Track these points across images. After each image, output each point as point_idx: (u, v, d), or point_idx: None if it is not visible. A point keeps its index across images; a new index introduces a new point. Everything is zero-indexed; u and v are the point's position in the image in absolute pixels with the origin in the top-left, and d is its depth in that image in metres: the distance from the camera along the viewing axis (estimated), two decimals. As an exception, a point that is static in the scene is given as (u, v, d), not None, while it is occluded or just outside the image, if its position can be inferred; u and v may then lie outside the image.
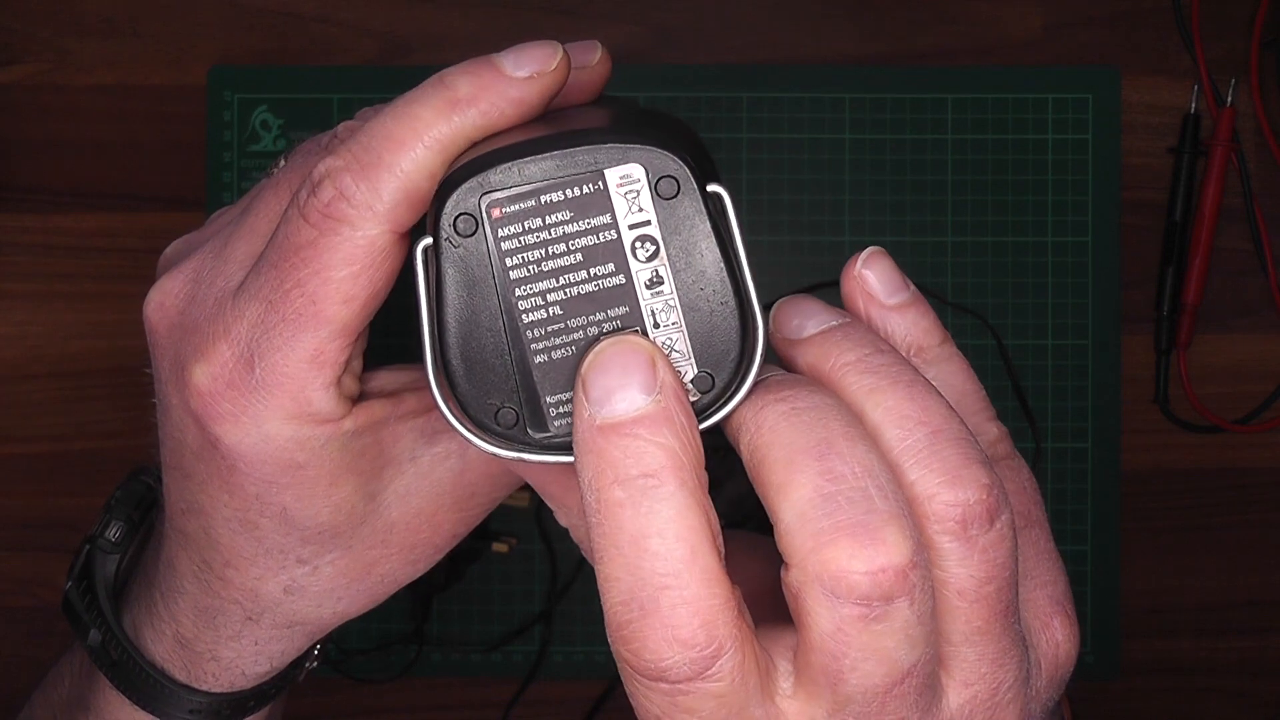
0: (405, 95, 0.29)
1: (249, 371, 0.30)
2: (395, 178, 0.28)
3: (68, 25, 0.62)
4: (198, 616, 0.36)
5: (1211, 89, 0.61)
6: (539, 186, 0.26)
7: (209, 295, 0.31)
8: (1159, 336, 0.61)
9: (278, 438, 0.30)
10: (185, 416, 0.32)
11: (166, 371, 0.32)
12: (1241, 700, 0.62)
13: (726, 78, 0.62)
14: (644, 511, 0.23)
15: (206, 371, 0.30)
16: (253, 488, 0.31)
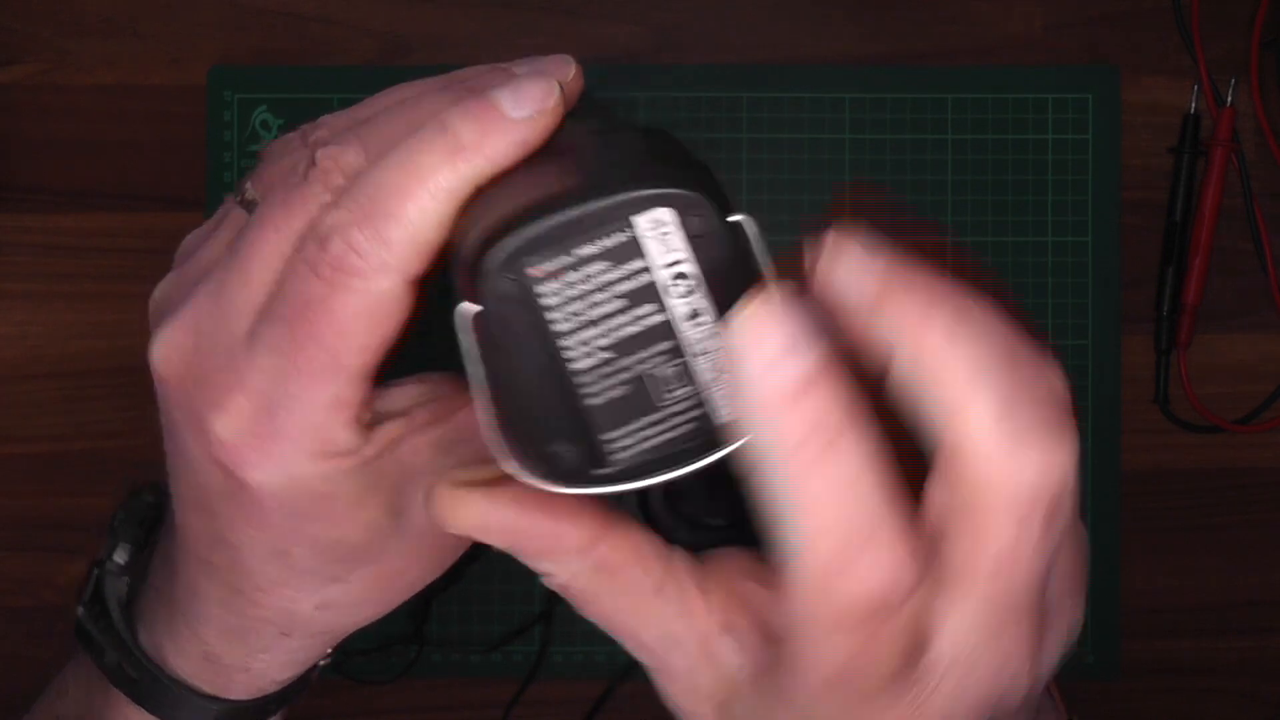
0: (407, 142, 0.29)
1: (270, 421, 0.30)
2: (404, 229, 0.28)
3: (68, 25, 0.62)
4: (227, 635, 0.36)
5: (1211, 89, 0.61)
6: (572, 241, 0.26)
7: (216, 346, 0.31)
8: (1159, 336, 0.61)
9: (304, 475, 0.31)
10: (209, 464, 0.32)
11: (181, 422, 0.33)
12: (1241, 700, 0.62)
13: (726, 78, 0.62)
14: (843, 459, 0.23)
15: (227, 424, 0.31)
16: (283, 522, 0.32)
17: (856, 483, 0.24)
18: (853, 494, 0.24)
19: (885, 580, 0.24)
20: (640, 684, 0.63)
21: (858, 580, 0.24)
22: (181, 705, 0.37)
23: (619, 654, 0.63)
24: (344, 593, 0.35)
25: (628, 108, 0.61)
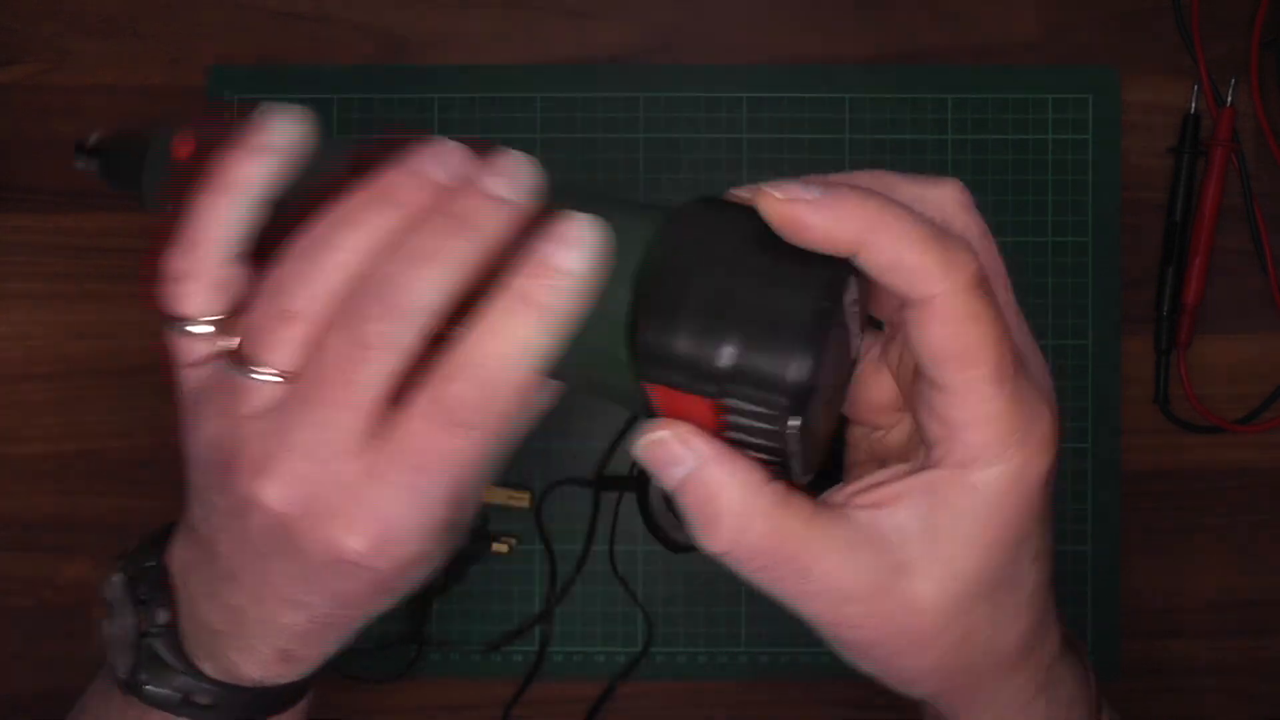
0: (499, 314, 0.33)
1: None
2: (516, 391, 0.36)
3: (68, 25, 0.62)
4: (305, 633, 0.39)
5: (1211, 89, 0.61)
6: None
7: (336, 478, 0.35)
8: (1159, 336, 0.61)
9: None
10: (339, 564, 0.36)
11: (310, 547, 0.35)
12: (1241, 700, 0.62)
13: (726, 78, 0.62)
14: None
15: (354, 540, 0.35)
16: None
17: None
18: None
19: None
20: (640, 684, 0.64)
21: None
22: (271, 699, 0.41)
23: (619, 654, 0.63)
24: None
25: (628, 108, 0.62)
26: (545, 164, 0.36)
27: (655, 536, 0.60)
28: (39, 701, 0.62)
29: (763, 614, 0.62)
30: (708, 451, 0.33)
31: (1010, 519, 0.33)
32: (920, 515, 0.34)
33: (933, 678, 0.37)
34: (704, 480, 0.33)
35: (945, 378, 0.32)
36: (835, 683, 0.62)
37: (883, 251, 0.31)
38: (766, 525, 0.33)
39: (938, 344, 0.32)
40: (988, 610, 0.35)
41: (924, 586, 0.34)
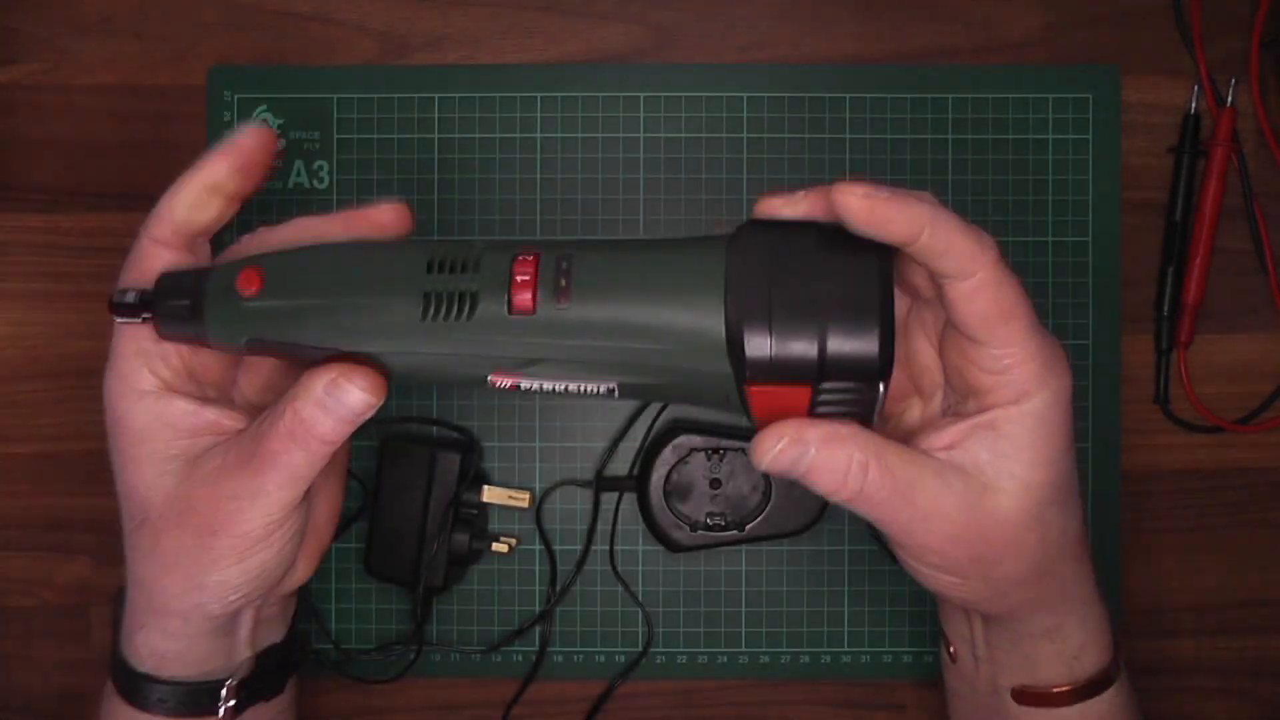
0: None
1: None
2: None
3: (68, 25, 0.62)
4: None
5: (1211, 89, 0.61)
6: None
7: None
8: (1159, 336, 0.61)
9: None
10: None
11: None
12: (1241, 700, 0.62)
13: (726, 78, 0.62)
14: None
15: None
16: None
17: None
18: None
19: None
20: (640, 684, 0.64)
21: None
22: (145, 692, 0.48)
23: (619, 654, 0.63)
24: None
25: (628, 108, 0.62)
26: (547, 164, 0.37)
27: (655, 536, 0.60)
28: (39, 701, 0.62)
29: (762, 614, 0.62)
30: (817, 437, 0.40)
31: (1058, 431, 0.42)
32: (988, 447, 0.42)
33: (1027, 581, 0.44)
34: (824, 462, 0.40)
35: (992, 333, 0.41)
36: (835, 683, 0.62)
37: (938, 239, 0.39)
38: (878, 468, 0.41)
39: (983, 308, 0.40)
40: (1055, 512, 0.43)
41: (1005, 500, 0.42)
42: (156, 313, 0.43)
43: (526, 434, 0.61)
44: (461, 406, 0.61)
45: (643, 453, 0.61)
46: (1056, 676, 0.48)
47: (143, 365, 0.44)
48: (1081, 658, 0.48)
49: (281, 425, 0.42)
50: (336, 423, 0.42)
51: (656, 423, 0.61)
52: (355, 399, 0.42)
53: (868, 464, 0.40)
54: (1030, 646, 0.48)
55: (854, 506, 0.42)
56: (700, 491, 0.60)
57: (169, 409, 0.44)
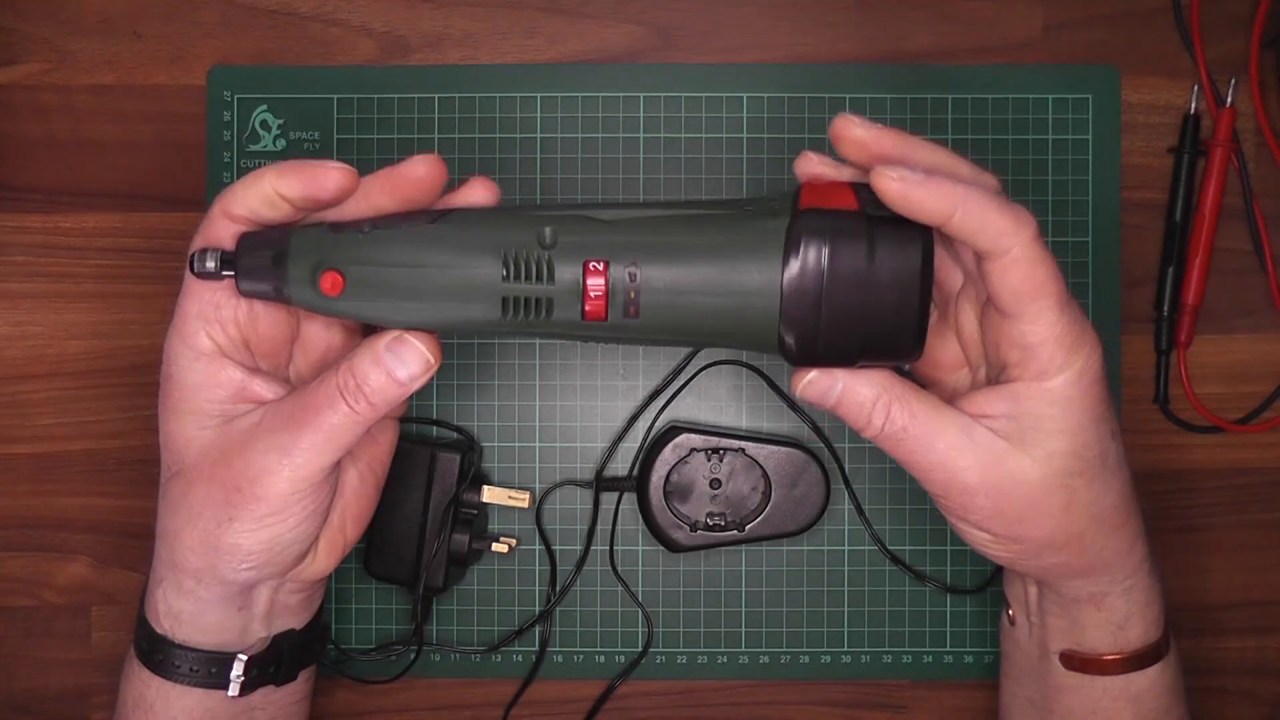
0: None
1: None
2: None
3: (68, 25, 0.62)
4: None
5: (1211, 89, 0.61)
6: None
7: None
8: (1159, 336, 0.61)
9: None
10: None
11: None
12: (1241, 700, 0.62)
13: (726, 78, 0.62)
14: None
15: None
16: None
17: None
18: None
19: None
20: (640, 684, 0.64)
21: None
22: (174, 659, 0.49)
23: (619, 654, 0.63)
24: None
25: (628, 108, 0.62)
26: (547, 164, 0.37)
27: (655, 536, 0.60)
28: (38, 701, 0.62)
29: (762, 614, 0.62)
30: (845, 373, 0.44)
31: (1084, 405, 0.45)
32: (1012, 418, 0.45)
33: (1057, 544, 0.46)
34: (850, 397, 0.44)
35: (1022, 309, 0.43)
36: (834, 683, 0.62)
37: (972, 217, 0.42)
38: (901, 409, 0.44)
39: (1016, 284, 0.43)
40: (1083, 483, 0.45)
41: (1026, 464, 0.45)
42: (237, 270, 0.45)
43: (526, 434, 0.61)
44: (461, 407, 0.61)
45: (643, 453, 0.61)
46: (1102, 644, 0.50)
47: (202, 328, 0.46)
48: (1126, 628, 0.50)
49: (332, 381, 0.44)
50: (392, 384, 0.44)
51: (656, 423, 0.61)
52: (415, 356, 0.44)
53: (891, 404, 0.44)
54: (1076, 611, 0.50)
55: (879, 444, 0.45)
56: (700, 491, 0.60)
57: (220, 371, 0.46)
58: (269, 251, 0.44)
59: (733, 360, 0.61)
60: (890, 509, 0.61)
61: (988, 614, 0.61)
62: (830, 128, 0.45)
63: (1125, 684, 0.51)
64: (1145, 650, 0.50)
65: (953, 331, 0.49)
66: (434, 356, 0.44)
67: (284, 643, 0.51)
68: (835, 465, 0.61)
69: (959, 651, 0.62)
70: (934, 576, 0.61)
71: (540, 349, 0.61)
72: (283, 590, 0.50)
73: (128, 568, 0.62)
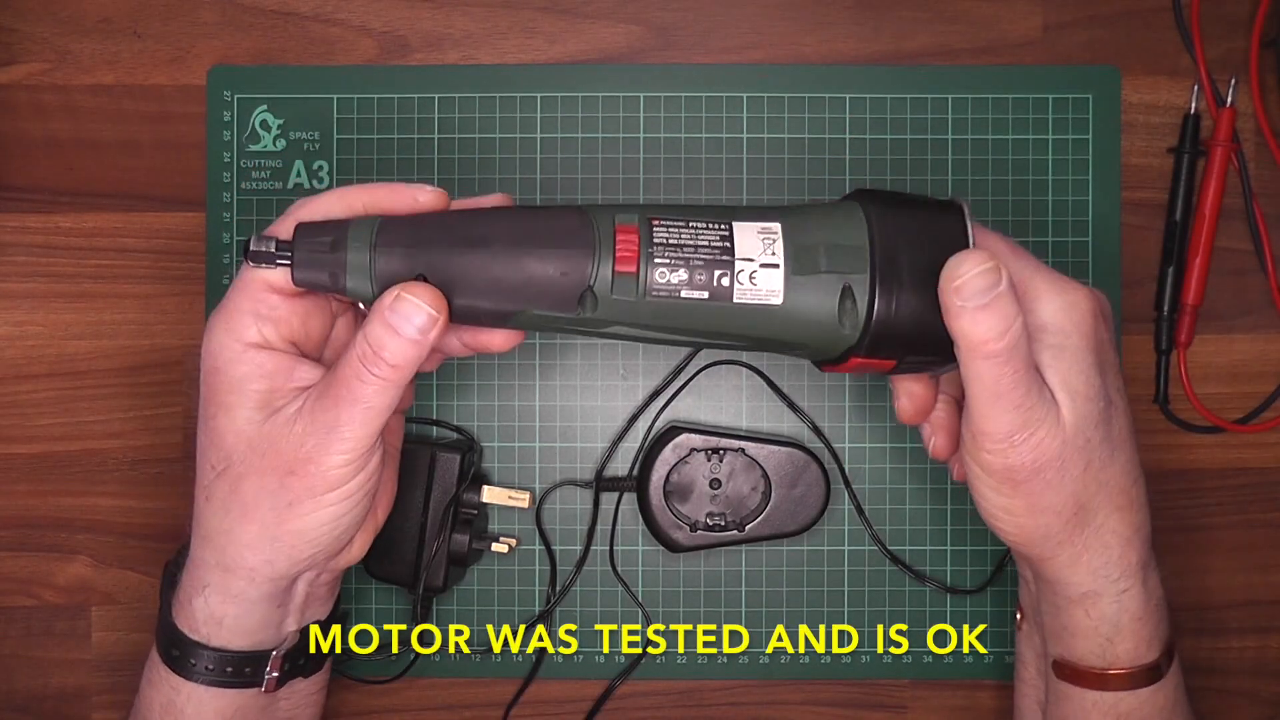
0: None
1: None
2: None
3: (68, 25, 0.62)
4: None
5: (1211, 89, 0.61)
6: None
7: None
8: (1159, 336, 0.61)
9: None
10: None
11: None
12: (1241, 700, 0.62)
13: (726, 78, 0.62)
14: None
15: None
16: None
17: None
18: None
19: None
20: (640, 684, 0.64)
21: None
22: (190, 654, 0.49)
23: (619, 654, 0.63)
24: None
25: (628, 108, 0.62)
26: (547, 164, 0.37)
27: (655, 536, 0.60)
28: (38, 701, 0.62)
29: (762, 614, 0.62)
30: (1008, 279, 0.44)
31: (1080, 339, 0.46)
32: (1037, 366, 0.46)
33: (1065, 511, 0.47)
34: (1004, 303, 0.44)
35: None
36: (834, 683, 0.62)
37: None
38: (1027, 341, 0.45)
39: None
40: (1099, 437, 0.47)
41: (1064, 413, 0.45)
42: (294, 258, 0.45)
43: (526, 434, 0.61)
44: (461, 407, 0.61)
45: (643, 453, 0.61)
46: (1090, 656, 0.50)
47: (253, 323, 0.47)
48: (1115, 642, 0.49)
49: (353, 354, 0.45)
50: (402, 342, 0.44)
51: (656, 423, 0.61)
52: (415, 310, 0.44)
53: (1023, 331, 0.44)
54: (1067, 615, 0.49)
55: (989, 362, 0.44)
56: (700, 491, 0.60)
57: (268, 361, 0.47)
58: (327, 239, 0.45)
59: (733, 360, 0.61)
60: (890, 509, 0.61)
61: (988, 614, 0.62)
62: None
63: (1114, 701, 0.50)
64: (1136, 670, 0.50)
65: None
66: (436, 308, 0.44)
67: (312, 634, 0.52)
68: (835, 465, 0.61)
69: (959, 651, 0.62)
70: (934, 576, 0.61)
71: (540, 349, 0.61)
72: (317, 582, 0.51)
73: (128, 568, 0.62)
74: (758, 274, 0.45)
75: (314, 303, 0.48)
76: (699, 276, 0.45)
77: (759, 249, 0.45)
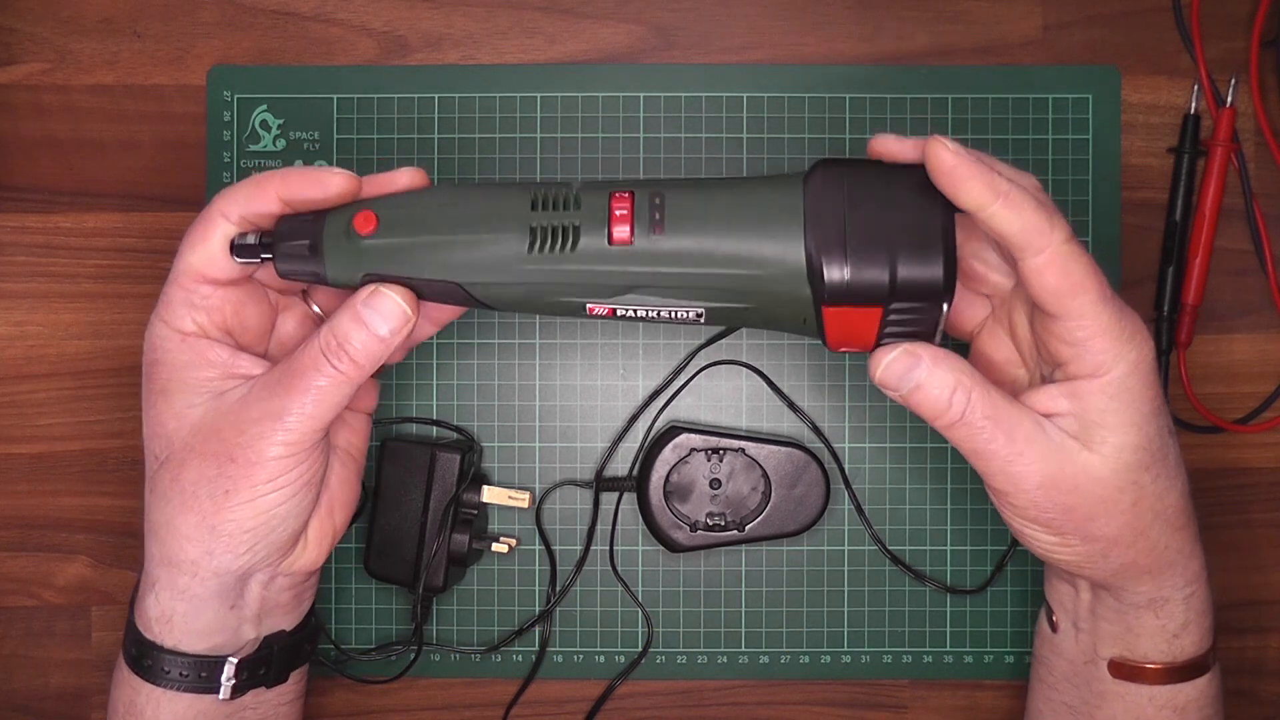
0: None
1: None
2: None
3: (68, 25, 0.62)
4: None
5: (1211, 89, 0.61)
6: None
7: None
8: (1159, 336, 0.61)
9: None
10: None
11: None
12: (1241, 700, 0.62)
13: (726, 78, 0.62)
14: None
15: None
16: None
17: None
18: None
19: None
20: (640, 684, 0.64)
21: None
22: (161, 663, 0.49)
23: (619, 654, 0.63)
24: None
25: (628, 108, 0.62)
26: (547, 164, 0.37)
27: (655, 536, 0.60)
28: (38, 701, 0.62)
29: (762, 614, 0.62)
30: (930, 355, 0.44)
31: (1144, 397, 0.45)
32: (1076, 415, 0.45)
33: (1125, 541, 0.46)
34: (933, 380, 0.44)
35: (1064, 307, 0.43)
36: (834, 683, 0.62)
37: (1009, 211, 0.42)
38: (981, 395, 0.44)
39: (1054, 282, 0.43)
40: (1150, 478, 0.46)
41: (1097, 460, 0.45)
42: (276, 253, 0.46)
43: (526, 434, 0.61)
44: (461, 407, 0.61)
45: (643, 453, 0.61)
46: (1155, 652, 0.50)
47: (188, 313, 0.47)
48: (1182, 636, 0.49)
49: (314, 345, 0.45)
50: (372, 338, 0.44)
51: (656, 423, 0.61)
52: (392, 307, 0.44)
53: (972, 390, 0.44)
54: (1134, 618, 0.49)
55: (955, 433, 0.44)
56: (700, 491, 0.60)
57: (208, 349, 0.47)
58: (306, 235, 0.46)
59: (732, 360, 0.61)
60: (890, 509, 0.61)
61: (987, 614, 0.62)
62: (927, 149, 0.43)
63: (1173, 694, 0.50)
64: (1197, 660, 0.50)
65: (1006, 333, 0.50)
66: (410, 309, 0.45)
67: (274, 644, 0.51)
68: (835, 465, 0.61)
69: (959, 651, 0.62)
70: (934, 576, 0.61)
71: (540, 349, 0.61)
72: (273, 586, 0.50)
73: (128, 568, 0.62)
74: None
75: (248, 293, 0.48)
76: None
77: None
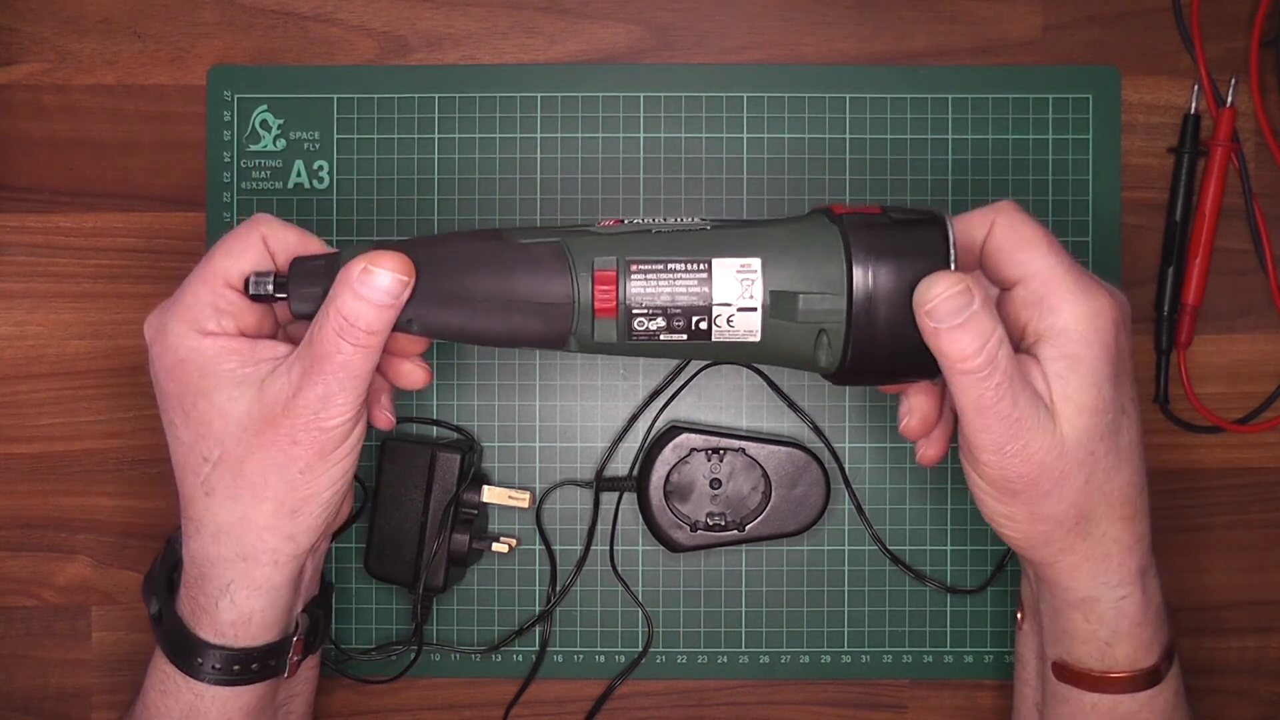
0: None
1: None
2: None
3: (68, 25, 0.62)
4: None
5: (1211, 89, 0.61)
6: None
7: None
8: (1159, 336, 0.61)
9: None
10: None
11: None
12: (1241, 700, 0.62)
13: (726, 78, 0.62)
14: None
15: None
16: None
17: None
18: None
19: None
20: (640, 684, 0.64)
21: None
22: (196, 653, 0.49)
23: (619, 654, 0.63)
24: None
25: (628, 108, 0.62)
26: (547, 164, 0.37)
27: (655, 536, 0.60)
28: (38, 701, 0.62)
29: (762, 614, 0.62)
30: (982, 297, 0.44)
31: (1103, 357, 0.45)
32: (1041, 373, 0.46)
33: (1067, 522, 0.47)
34: (978, 322, 0.43)
35: (1015, 261, 0.46)
36: (834, 683, 0.62)
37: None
38: (1007, 354, 0.44)
39: (1002, 239, 0.46)
40: (1103, 449, 0.46)
41: (1066, 427, 0.45)
42: (291, 295, 0.47)
43: (526, 434, 0.61)
44: (461, 407, 0.61)
45: (643, 453, 0.61)
46: (1088, 659, 0.50)
47: (213, 315, 0.48)
48: (1114, 646, 0.49)
49: (328, 326, 0.45)
50: (376, 309, 0.45)
51: (656, 423, 0.61)
52: (386, 280, 0.45)
53: (1004, 342, 0.44)
54: (1066, 619, 0.50)
55: (976, 383, 0.44)
56: (700, 491, 0.60)
57: (231, 342, 0.48)
58: (320, 279, 0.47)
59: (732, 360, 0.61)
60: (890, 509, 0.61)
61: (987, 614, 0.62)
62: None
63: (1113, 704, 0.50)
64: (1135, 674, 0.50)
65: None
66: (404, 271, 0.45)
67: (317, 610, 0.54)
68: (835, 465, 0.61)
69: (959, 651, 0.62)
70: (934, 576, 0.61)
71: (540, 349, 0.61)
72: (318, 553, 0.53)
73: (128, 568, 0.62)
74: (735, 317, 0.46)
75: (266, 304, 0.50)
76: (676, 323, 0.46)
77: (736, 292, 0.45)
